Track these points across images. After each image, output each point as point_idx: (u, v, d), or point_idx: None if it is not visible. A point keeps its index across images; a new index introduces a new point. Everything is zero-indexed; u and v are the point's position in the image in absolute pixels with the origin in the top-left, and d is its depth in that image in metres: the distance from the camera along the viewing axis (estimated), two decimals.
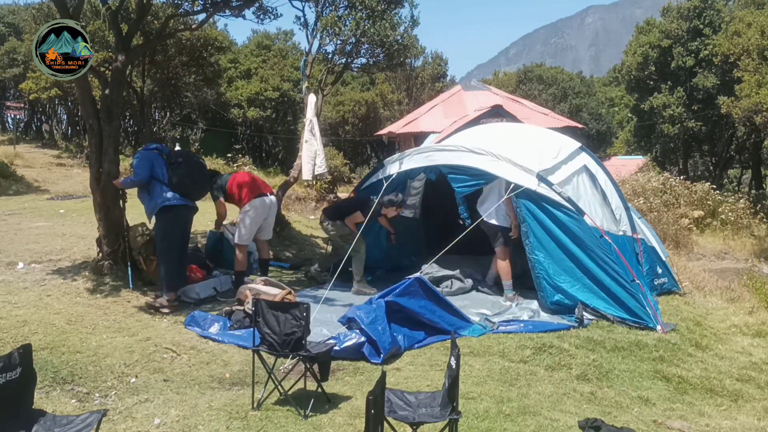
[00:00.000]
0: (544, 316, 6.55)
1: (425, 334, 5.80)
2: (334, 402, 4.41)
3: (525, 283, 7.20)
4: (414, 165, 7.66)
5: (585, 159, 7.63)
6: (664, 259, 8.15)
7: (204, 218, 9.54)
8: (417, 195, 8.75)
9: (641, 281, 6.67)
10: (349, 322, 5.55)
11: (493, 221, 7.05)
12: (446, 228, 8.40)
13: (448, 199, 8.19)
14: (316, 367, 4.43)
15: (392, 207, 7.59)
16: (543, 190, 6.62)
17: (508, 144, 7.37)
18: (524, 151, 7.18)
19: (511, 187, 6.68)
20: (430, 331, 5.84)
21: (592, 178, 7.40)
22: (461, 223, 7.59)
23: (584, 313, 6.30)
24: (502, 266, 7.15)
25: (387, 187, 7.58)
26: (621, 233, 7.17)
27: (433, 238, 8.58)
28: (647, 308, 6.31)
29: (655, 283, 7.60)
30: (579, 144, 7.85)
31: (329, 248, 8.88)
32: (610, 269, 6.41)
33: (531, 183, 6.66)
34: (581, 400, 4.61)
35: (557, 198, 6.58)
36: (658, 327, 6.16)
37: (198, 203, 6.97)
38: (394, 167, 7.84)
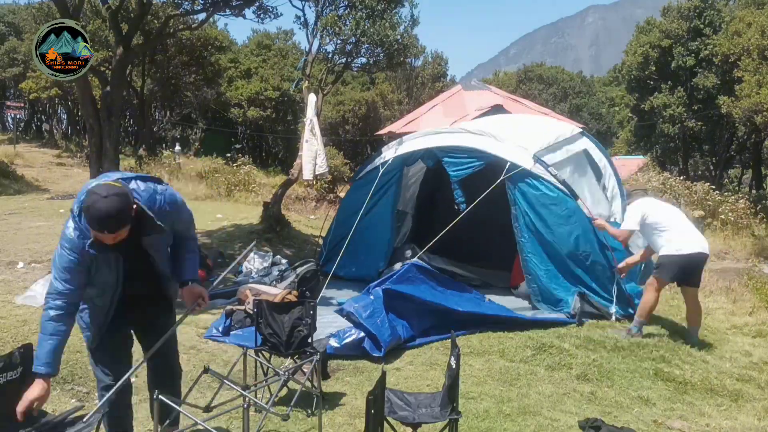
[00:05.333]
0: (544, 311, 6.59)
1: (428, 322, 5.73)
2: (334, 402, 4.40)
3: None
4: (411, 148, 7.55)
5: (585, 143, 7.65)
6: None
7: (204, 217, 9.52)
8: (413, 185, 8.61)
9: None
10: (347, 315, 5.50)
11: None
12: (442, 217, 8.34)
13: (446, 187, 7.88)
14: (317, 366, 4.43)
15: None
16: (538, 170, 6.63)
17: (507, 126, 7.41)
18: (523, 132, 7.23)
19: (506, 167, 6.67)
20: (432, 318, 5.74)
21: (592, 162, 7.40)
22: (456, 208, 7.10)
23: (578, 305, 6.37)
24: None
25: (382, 175, 7.49)
26: (612, 220, 7.12)
27: (428, 228, 8.48)
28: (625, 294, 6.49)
29: None
30: (580, 129, 7.86)
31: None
32: (594, 254, 6.50)
33: (527, 162, 6.66)
34: (581, 400, 4.61)
35: (552, 179, 6.58)
36: (613, 310, 6.40)
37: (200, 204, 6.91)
38: (389, 152, 7.72)
